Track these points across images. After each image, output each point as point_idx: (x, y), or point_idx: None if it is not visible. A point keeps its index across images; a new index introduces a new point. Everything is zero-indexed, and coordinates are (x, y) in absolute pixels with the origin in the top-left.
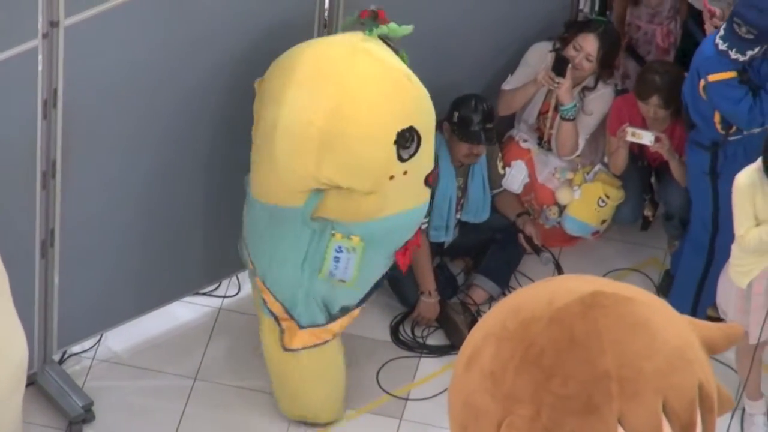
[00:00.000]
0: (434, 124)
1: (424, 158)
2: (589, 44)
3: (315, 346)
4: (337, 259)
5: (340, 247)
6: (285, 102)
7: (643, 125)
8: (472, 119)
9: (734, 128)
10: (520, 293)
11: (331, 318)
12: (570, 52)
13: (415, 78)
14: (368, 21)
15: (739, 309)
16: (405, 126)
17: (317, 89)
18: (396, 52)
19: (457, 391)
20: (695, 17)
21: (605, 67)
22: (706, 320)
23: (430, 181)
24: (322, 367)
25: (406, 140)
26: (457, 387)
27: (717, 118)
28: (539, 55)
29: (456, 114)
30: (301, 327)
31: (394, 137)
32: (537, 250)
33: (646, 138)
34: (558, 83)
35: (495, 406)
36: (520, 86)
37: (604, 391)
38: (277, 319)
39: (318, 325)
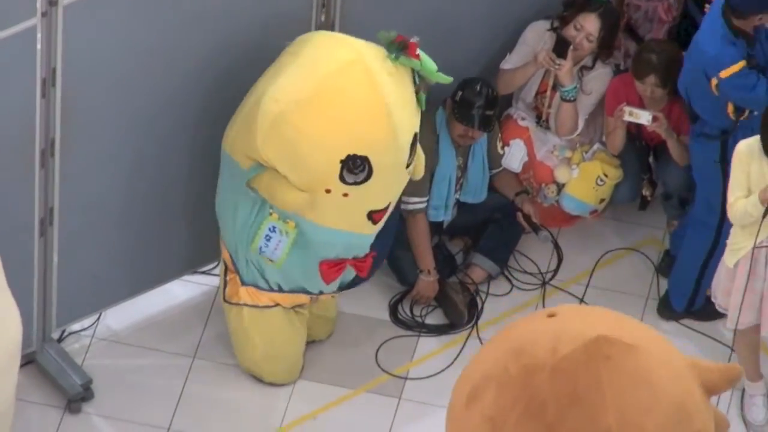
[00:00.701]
0: (396, 168)
1: (374, 193)
2: (590, 24)
3: (255, 306)
4: (268, 238)
5: (273, 227)
6: (277, 72)
7: (641, 105)
8: (473, 102)
9: (746, 113)
10: (522, 329)
11: (273, 289)
12: (570, 31)
13: (396, 120)
14: (393, 46)
15: (725, 291)
16: (360, 153)
17: (301, 76)
18: (417, 90)
19: (456, 425)
20: None
21: (604, 47)
22: (704, 303)
23: (375, 218)
24: (264, 330)
25: (356, 166)
26: (456, 421)
27: (731, 108)
28: (537, 34)
29: (459, 93)
30: (243, 283)
31: (343, 156)
32: (535, 229)
33: (643, 117)
34: (559, 65)
35: None
36: (520, 66)
37: None
38: (226, 269)
39: (258, 288)
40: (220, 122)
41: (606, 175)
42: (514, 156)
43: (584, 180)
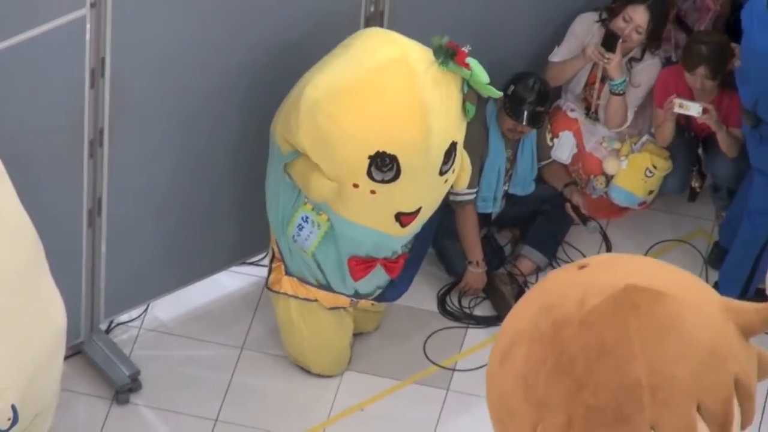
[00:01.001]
0: (427, 172)
1: (402, 195)
2: (639, 16)
3: (298, 298)
4: (300, 227)
5: (306, 217)
6: (326, 62)
7: (690, 96)
8: (524, 98)
9: None
10: (554, 283)
11: (320, 285)
12: (619, 23)
13: (432, 123)
14: (442, 51)
15: None
16: (390, 151)
17: (345, 68)
18: (464, 100)
19: (493, 384)
20: None
21: (653, 38)
22: (754, 296)
23: (404, 221)
24: (310, 321)
25: (384, 164)
26: (493, 380)
27: None
28: (586, 26)
29: (511, 87)
30: (288, 273)
31: (372, 152)
32: (584, 220)
33: (693, 109)
34: (608, 59)
35: (528, 410)
36: (569, 59)
37: (635, 401)
38: (273, 256)
39: (303, 281)
40: (267, 113)
41: (655, 167)
42: (564, 148)
43: (633, 171)
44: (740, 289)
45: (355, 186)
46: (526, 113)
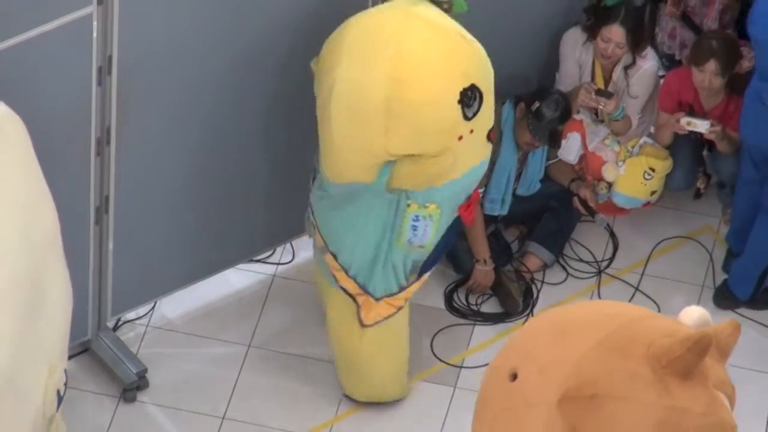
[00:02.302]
0: (492, 79)
1: (487, 114)
2: (615, 34)
3: (388, 317)
4: (414, 228)
5: (417, 216)
6: (339, 78)
7: (696, 99)
8: (548, 117)
9: None
10: (492, 401)
11: (402, 287)
12: (600, 45)
13: (469, 36)
14: None
15: None
16: (467, 85)
17: (372, 61)
18: (448, 11)
19: None
20: None
21: (636, 45)
22: (762, 292)
23: (491, 137)
24: (390, 338)
25: (470, 99)
26: None
27: None
28: (572, 44)
29: (536, 104)
30: (376, 299)
31: (457, 97)
32: (591, 213)
33: (702, 126)
34: (603, 105)
35: None
36: (572, 92)
37: None
38: (351, 295)
39: (392, 294)
40: (276, 109)
41: (653, 169)
42: (572, 149)
43: (631, 176)
44: (754, 286)
45: (460, 138)
46: (547, 132)
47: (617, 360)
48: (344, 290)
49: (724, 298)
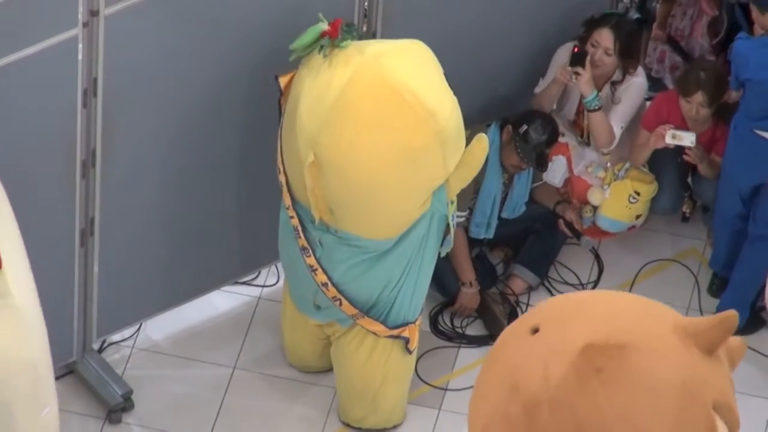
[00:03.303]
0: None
1: None
2: (604, 38)
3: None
4: (453, 226)
5: (453, 216)
6: (372, 156)
7: (683, 124)
8: (536, 140)
9: None
10: (512, 355)
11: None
12: (588, 49)
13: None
14: (326, 41)
15: None
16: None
17: (396, 116)
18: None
19: None
20: (743, 7)
21: (626, 57)
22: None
23: None
24: (407, 363)
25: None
26: None
27: None
28: (566, 55)
29: (524, 127)
30: (414, 323)
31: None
32: (577, 235)
33: (686, 139)
34: (577, 74)
35: None
36: (546, 88)
37: None
38: (392, 336)
39: (421, 311)
40: (260, 134)
41: (638, 193)
42: (557, 172)
43: (616, 199)
44: (747, 315)
45: None
46: (535, 155)
47: (647, 322)
48: (390, 336)
49: None
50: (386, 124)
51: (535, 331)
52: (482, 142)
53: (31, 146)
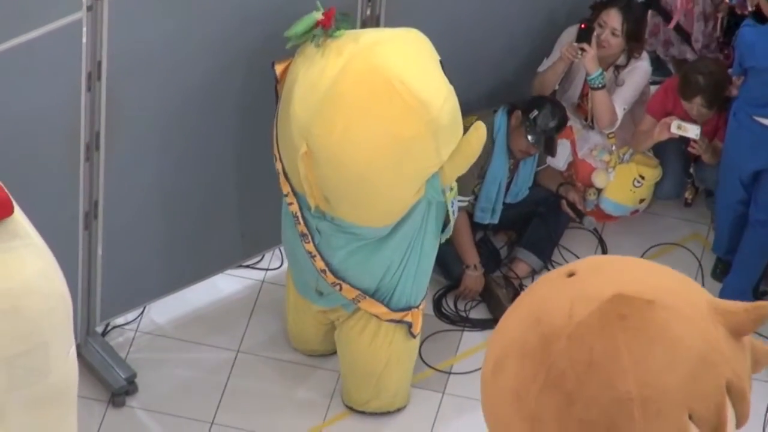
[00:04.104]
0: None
1: None
2: (612, 19)
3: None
4: (454, 212)
5: (453, 202)
6: (362, 143)
7: (686, 114)
8: (544, 125)
9: None
10: (542, 292)
11: (422, 295)
12: (596, 30)
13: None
14: (319, 31)
15: None
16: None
17: (385, 106)
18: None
19: (487, 394)
20: None
21: (632, 40)
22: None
23: None
24: (410, 347)
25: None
26: (486, 390)
27: None
28: (572, 36)
29: (534, 112)
30: (417, 307)
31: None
32: (580, 215)
33: (691, 131)
34: (583, 50)
35: (521, 424)
36: (551, 65)
37: (626, 415)
38: (393, 320)
39: (424, 296)
40: (264, 116)
41: (642, 177)
42: (561, 155)
43: (621, 183)
44: (750, 299)
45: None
46: (545, 140)
47: (682, 290)
48: (392, 320)
49: None
50: (377, 114)
51: (570, 275)
52: (480, 129)
53: (36, 129)
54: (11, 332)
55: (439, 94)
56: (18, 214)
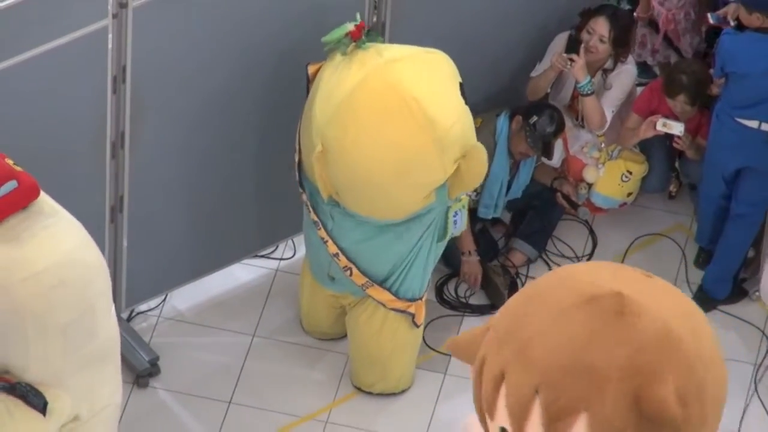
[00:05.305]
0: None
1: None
2: (600, 26)
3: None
4: (455, 222)
5: (456, 212)
6: (366, 153)
7: (671, 112)
8: (546, 130)
9: None
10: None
11: (425, 287)
12: (584, 36)
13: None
14: (348, 40)
15: None
16: (460, 84)
17: (397, 119)
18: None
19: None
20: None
21: (619, 46)
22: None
23: None
24: (415, 334)
25: (464, 93)
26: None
27: None
28: (563, 43)
29: (534, 118)
30: (421, 299)
31: (461, 96)
32: (574, 206)
33: (676, 128)
34: (571, 60)
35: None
36: (542, 72)
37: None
38: (399, 309)
39: (416, 298)
40: (278, 113)
41: (630, 172)
42: (555, 154)
43: (610, 178)
44: (730, 287)
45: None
46: (543, 144)
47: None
48: (390, 308)
49: (704, 301)
50: (387, 127)
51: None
52: (482, 158)
53: (65, 129)
54: (63, 303)
55: (450, 114)
56: (44, 195)
